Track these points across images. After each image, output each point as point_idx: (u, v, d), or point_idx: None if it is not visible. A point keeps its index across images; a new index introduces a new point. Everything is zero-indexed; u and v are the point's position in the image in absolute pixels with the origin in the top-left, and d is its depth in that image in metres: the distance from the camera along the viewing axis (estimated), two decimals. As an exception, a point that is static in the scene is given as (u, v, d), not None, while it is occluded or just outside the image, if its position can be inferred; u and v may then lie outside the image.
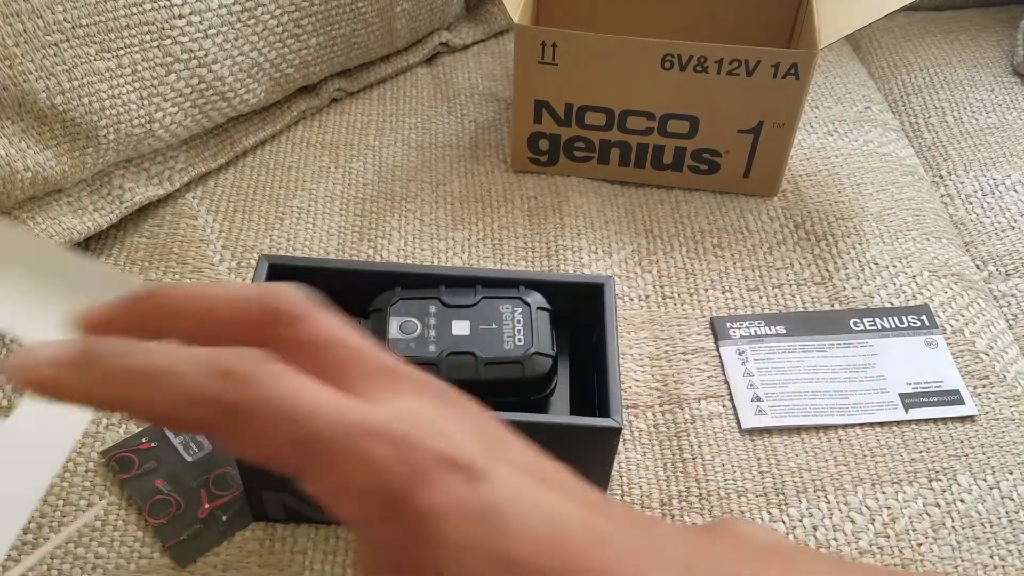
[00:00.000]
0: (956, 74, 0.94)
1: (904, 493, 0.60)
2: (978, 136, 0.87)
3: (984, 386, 0.66)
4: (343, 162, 0.81)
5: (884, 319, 0.69)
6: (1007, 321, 0.71)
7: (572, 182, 0.79)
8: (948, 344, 0.68)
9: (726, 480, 0.60)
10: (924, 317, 0.70)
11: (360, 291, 0.56)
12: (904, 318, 0.70)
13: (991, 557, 0.57)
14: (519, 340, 0.53)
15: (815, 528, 0.58)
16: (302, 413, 0.22)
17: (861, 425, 0.63)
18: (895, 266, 0.74)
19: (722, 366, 0.66)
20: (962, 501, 0.59)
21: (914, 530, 0.58)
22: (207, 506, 0.57)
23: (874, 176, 0.82)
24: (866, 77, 0.94)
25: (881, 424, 0.63)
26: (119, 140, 0.69)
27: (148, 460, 0.59)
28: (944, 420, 0.64)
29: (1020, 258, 0.76)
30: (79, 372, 0.23)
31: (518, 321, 0.54)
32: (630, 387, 0.65)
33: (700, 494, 0.59)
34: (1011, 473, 0.61)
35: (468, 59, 0.93)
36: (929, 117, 0.89)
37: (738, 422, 0.63)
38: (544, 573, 0.23)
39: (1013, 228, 0.78)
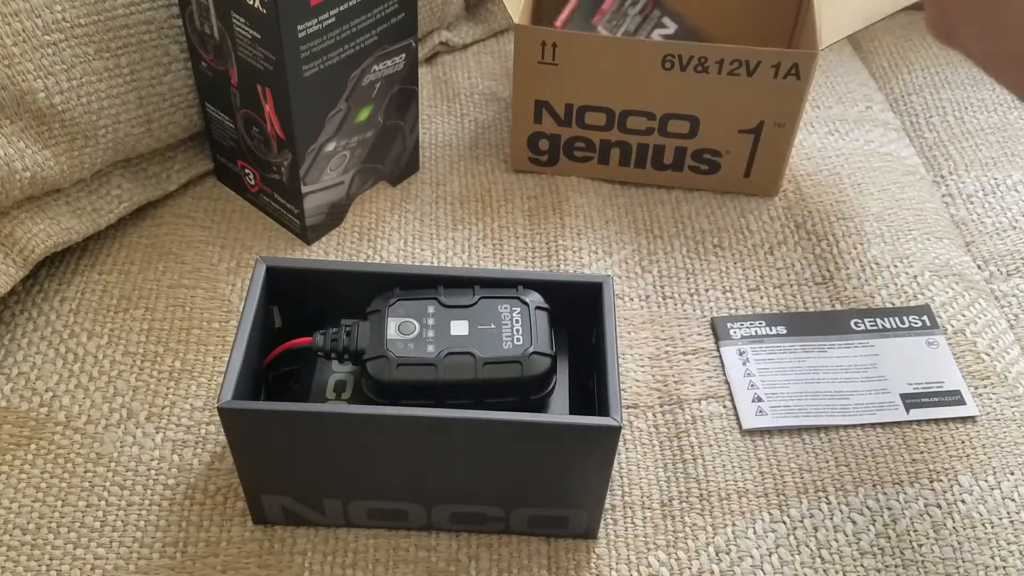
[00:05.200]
0: (957, 73, 0.94)
1: (905, 494, 0.59)
2: (979, 136, 0.87)
3: (985, 386, 0.65)
4: (343, 162, 0.81)
5: (885, 319, 0.69)
6: (1008, 321, 0.71)
7: (572, 182, 0.79)
8: (949, 344, 0.68)
9: (727, 481, 0.60)
10: (925, 317, 0.69)
11: (358, 292, 0.56)
12: (905, 318, 0.69)
13: (992, 558, 0.57)
14: (518, 340, 0.53)
15: (816, 529, 0.58)
16: None
17: (862, 426, 0.63)
18: (896, 266, 0.73)
19: (723, 366, 0.66)
20: (963, 502, 0.59)
21: (915, 531, 0.58)
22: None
23: (875, 176, 0.81)
24: (867, 76, 0.94)
25: (882, 424, 0.63)
26: (117, 140, 0.68)
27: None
28: (945, 421, 0.63)
29: (1021, 258, 0.76)
30: None
31: (516, 321, 0.54)
32: (630, 387, 0.65)
33: (700, 495, 0.59)
34: (1012, 474, 0.61)
35: (468, 59, 0.93)
36: (930, 116, 0.89)
37: (739, 422, 0.63)
38: None
39: (1014, 228, 0.78)
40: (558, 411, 0.55)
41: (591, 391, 0.57)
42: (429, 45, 0.91)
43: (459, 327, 0.54)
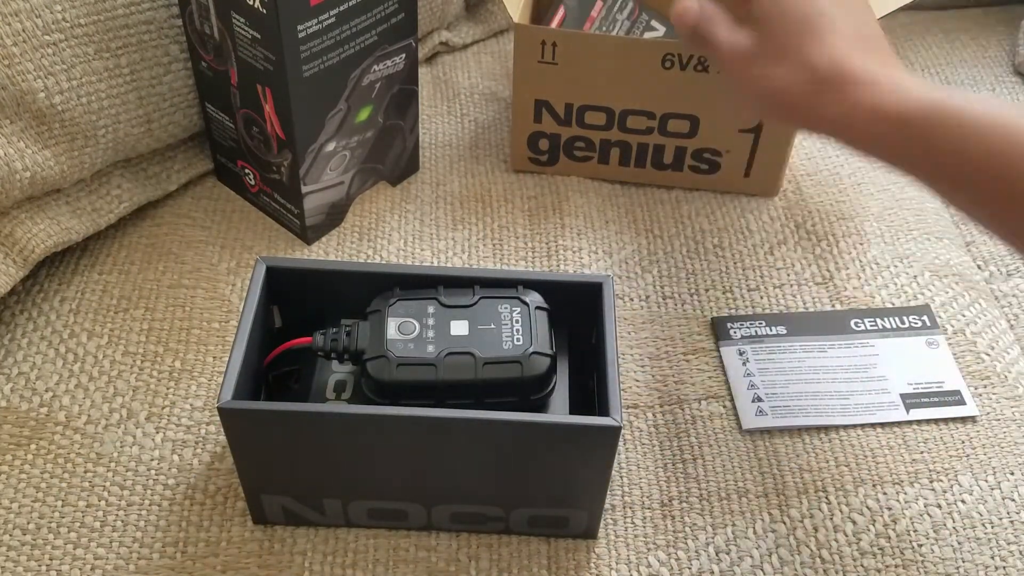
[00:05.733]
0: (957, 73, 0.94)
1: (905, 494, 0.59)
2: (979, 136, 0.86)
3: (985, 386, 0.65)
4: (343, 162, 0.80)
5: (885, 319, 0.69)
6: (1008, 321, 0.71)
7: (572, 182, 0.79)
8: (949, 344, 0.68)
9: (727, 481, 0.60)
10: (925, 317, 0.69)
11: (358, 292, 0.56)
12: (905, 318, 0.69)
13: (992, 558, 0.57)
14: (518, 340, 0.53)
15: (816, 529, 0.58)
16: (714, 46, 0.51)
17: (862, 426, 0.63)
18: (896, 266, 0.73)
19: (723, 366, 0.66)
20: (963, 502, 0.59)
21: (915, 531, 0.58)
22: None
23: (875, 176, 0.81)
24: (867, 77, 0.94)
25: (882, 424, 0.63)
26: (117, 140, 0.68)
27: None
28: (945, 421, 0.63)
29: (1021, 258, 0.76)
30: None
31: (516, 321, 0.54)
32: (630, 387, 0.65)
33: (700, 495, 0.59)
34: (1012, 474, 0.61)
35: (468, 58, 0.93)
36: (930, 117, 0.89)
37: (739, 423, 0.63)
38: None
39: (1015, 228, 0.78)
40: (558, 411, 0.55)
41: (591, 391, 0.57)
42: (429, 45, 0.91)
43: (459, 327, 0.54)
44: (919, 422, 0.63)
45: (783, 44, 0.48)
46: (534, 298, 0.55)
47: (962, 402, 0.64)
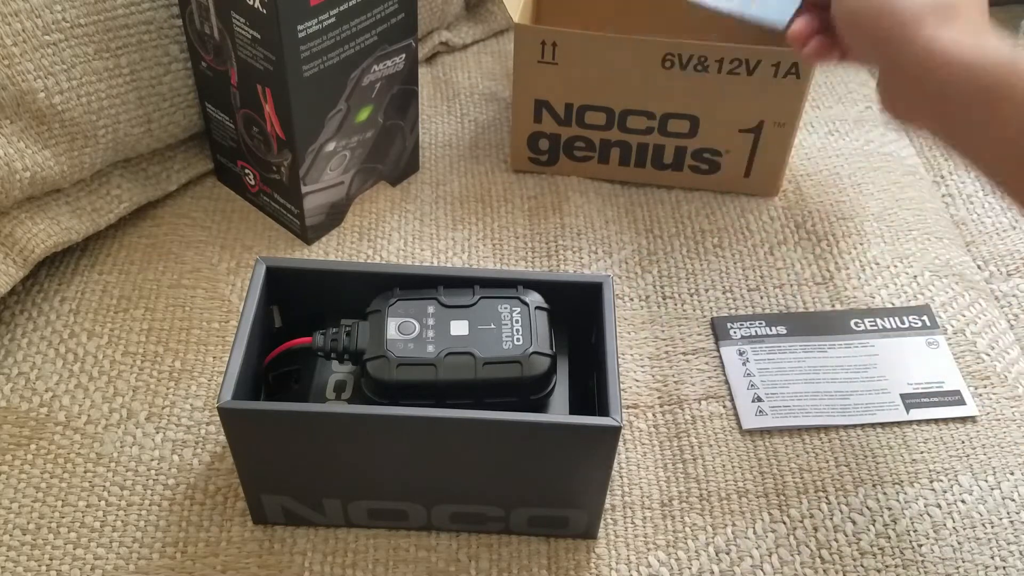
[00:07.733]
0: (957, 73, 0.93)
1: (905, 494, 0.59)
2: (979, 136, 0.86)
3: (985, 387, 0.65)
4: (343, 162, 0.80)
5: (885, 319, 0.69)
6: (1008, 321, 0.71)
7: (572, 182, 0.79)
8: (949, 344, 0.68)
9: (727, 481, 0.60)
10: (925, 317, 0.69)
11: (358, 292, 0.56)
12: (905, 318, 0.69)
13: (992, 558, 0.57)
14: (518, 340, 0.53)
15: (816, 529, 0.58)
16: None
17: (862, 426, 0.63)
18: (896, 266, 0.73)
19: (723, 366, 0.66)
20: (963, 502, 0.59)
21: (915, 531, 0.58)
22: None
23: (875, 176, 0.81)
24: (867, 76, 0.94)
25: (882, 425, 0.63)
26: (117, 140, 0.68)
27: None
28: (945, 421, 0.63)
29: (1021, 258, 0.76)
30: None
31: (516, 321, 0.54)
32: (630, 387, 0.65)
33: (700, 495, 0.59)
34: (1012, 474, 0.61)
35: (468, 59, 0.93)
36: (930, 117, 0.89)
37: (739, 423, 0.63)
38: None
39: (1014, 228, 0.78)
40: (558, 411, 0.55)
41: (591, 391, 0.57)
42: (429, 45, 0.91)
43: (459, 327, 0.54)
44: (919, 422, 0.63)
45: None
46: (534, 298, 0.55)
47: (962, 402, 0.64)
